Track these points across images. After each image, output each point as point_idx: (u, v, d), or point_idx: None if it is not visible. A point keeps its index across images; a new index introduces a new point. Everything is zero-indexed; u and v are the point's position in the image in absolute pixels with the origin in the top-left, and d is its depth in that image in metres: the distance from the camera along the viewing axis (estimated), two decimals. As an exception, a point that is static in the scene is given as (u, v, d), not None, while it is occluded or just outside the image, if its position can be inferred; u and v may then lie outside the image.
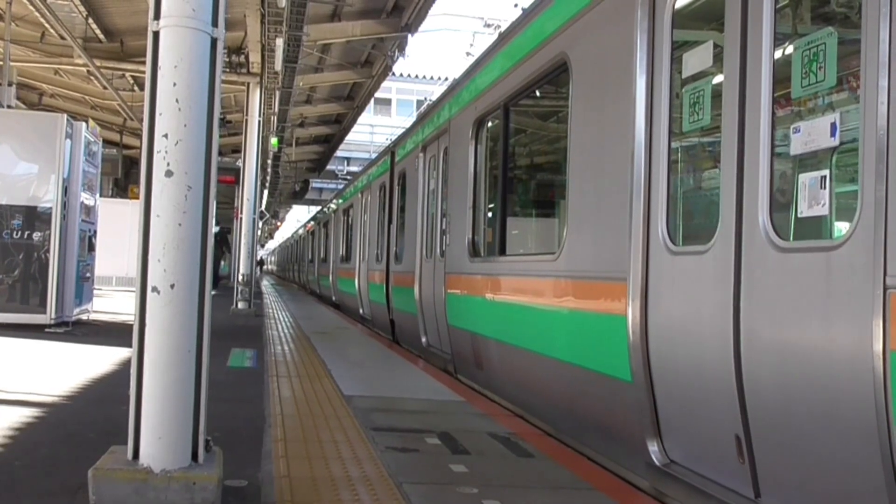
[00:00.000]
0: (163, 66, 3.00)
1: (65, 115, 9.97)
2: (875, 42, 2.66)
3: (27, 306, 9.50)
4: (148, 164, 3.01)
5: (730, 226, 3.35)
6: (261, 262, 70.58)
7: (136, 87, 18.27)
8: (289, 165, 31.06)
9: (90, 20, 14.02)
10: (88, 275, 10.89)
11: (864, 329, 2.63)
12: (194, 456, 3.02)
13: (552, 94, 6.60)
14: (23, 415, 4.79)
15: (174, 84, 2.98)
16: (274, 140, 20.59)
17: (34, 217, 9.51)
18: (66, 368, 6.88)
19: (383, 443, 4.38)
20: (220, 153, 20.32)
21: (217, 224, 20.06)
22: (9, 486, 3.39)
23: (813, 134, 3.00)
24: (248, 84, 15.93)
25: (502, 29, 9.84)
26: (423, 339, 9.15)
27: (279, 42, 12.43)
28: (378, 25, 14.78)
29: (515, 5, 18.48)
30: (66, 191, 9.67)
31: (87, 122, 10.78)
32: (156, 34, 3.03)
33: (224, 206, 23.98)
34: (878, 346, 2.56)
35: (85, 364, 7.06)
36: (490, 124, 7.16)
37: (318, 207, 32.65)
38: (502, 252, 6.58)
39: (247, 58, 15.45)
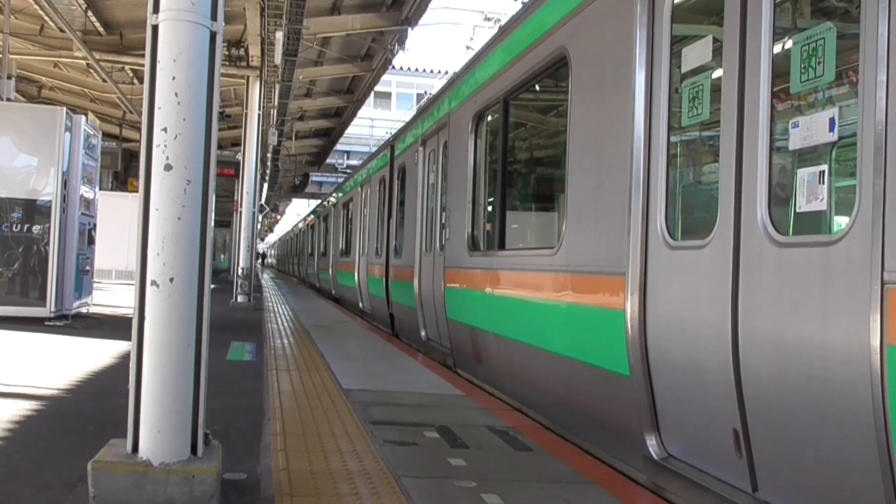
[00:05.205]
0: (162, 59, 3.00)
1: (64, 108, 9.97)
2: (874, 37, 2.66)
3: (27, 299, 9.51)
4: (147, 158, 3.01)
5: (728, 220, 3.35)
6: (262, 256, 70.69)
7: (135, 81, 18.26)
8: (288, 159, 31.03)
9: (89, 13, 14.00)
10: (88, 268, 10.89)
11: (861, 324, 2.63)
12: (193, 449, 3.03)
13: (552, 88, 6.60)
14: (22, 407, 4.80)
15: (173, 78, 2.98)
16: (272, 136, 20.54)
17: (34, 210, 9.51)
18: (65, 361, 6.89)
19: (382, 436, 4.39)
20: (220, 147, 20.32)
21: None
22: (8, 479, 3.40)
23: (812, 129, 3.00)
24: (248, 77, 15.92)
25: (502, 23, 9.81)
26: (423, 333, 9.16)
27: (279, 35, 12.41)
28: (378, 19, 14.76)
29: (515, -1, 18.44)
30: (65, 184, 9.67)
31: (86, 115, 10.77)
32: (155, 28, 3.02)
33: (224, 200, 23.96)
34: (876, 341, 2.56)
35: (84, 357, 7.07)
36: (489, 118, 7.16)
37: (318, 201, 32.63)
38: (501, 246, 6.58)
39: (246, 51, 15.43)
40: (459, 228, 7.42)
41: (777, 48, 3.26)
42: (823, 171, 2.94)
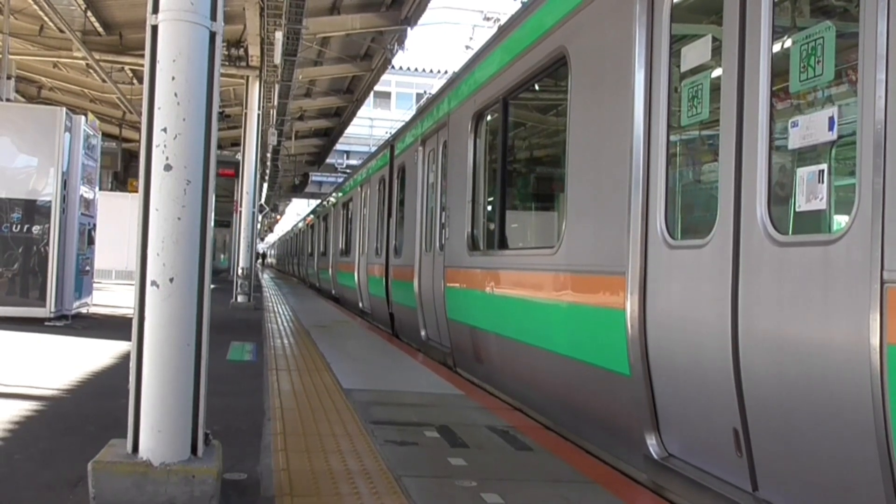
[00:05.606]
0: (161, 60, 3.00)
1: (64, 109, 9.97)
2: (873, 35, 2.66)
3: (27, 300, 9.51)
4: (147, 158, 3.01)
5: (728, 220, 3.35)
6: (262, 256, 70.71)
7: (135, 81, 18.25)
8: (288, 159, 31.04)
9: (89, 13, 14.00)
10: (88, 268, 10.89)
11: (861, 323, 2.63)
12: (193, 449, 3.03)
13: (551, 88, 6.60)
14: (23, 408, 4.80)
15: (173, 78, 2.98)
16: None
17: (33, 210, 9.51)
18: (65, 362, 6.89)
19: (382, 436, 4.39)
20: (220, 147, 20.32)
21: None
22: (9, 479, 3.41)
23: (811, 128, 3.00)
24: (248, 77, 15.92)
25: (502, 22, 9.80)
26: (423, 333, 9.17)
27: (278, 35, 12.41)
28: (377, 18, 14.77)
29: (515, -2, 18.41)
30: (65, 184, 9.67)
31: (86, 115, 10.77)
32: (154, 28, 3.02)
33: (224, 200, 23.96)
34: (875, 340, 2.57)
35: (84, 357, 7.07)
36: (489, 118, 7.16)
37: (318, 201, 32.63)
38: (501, 246, 6.58)
39: (246, 51, 15.44)
40: (459, 228, 7.43)
41: (776, 47, 3.26)
42: (823, 170, 2.94)
